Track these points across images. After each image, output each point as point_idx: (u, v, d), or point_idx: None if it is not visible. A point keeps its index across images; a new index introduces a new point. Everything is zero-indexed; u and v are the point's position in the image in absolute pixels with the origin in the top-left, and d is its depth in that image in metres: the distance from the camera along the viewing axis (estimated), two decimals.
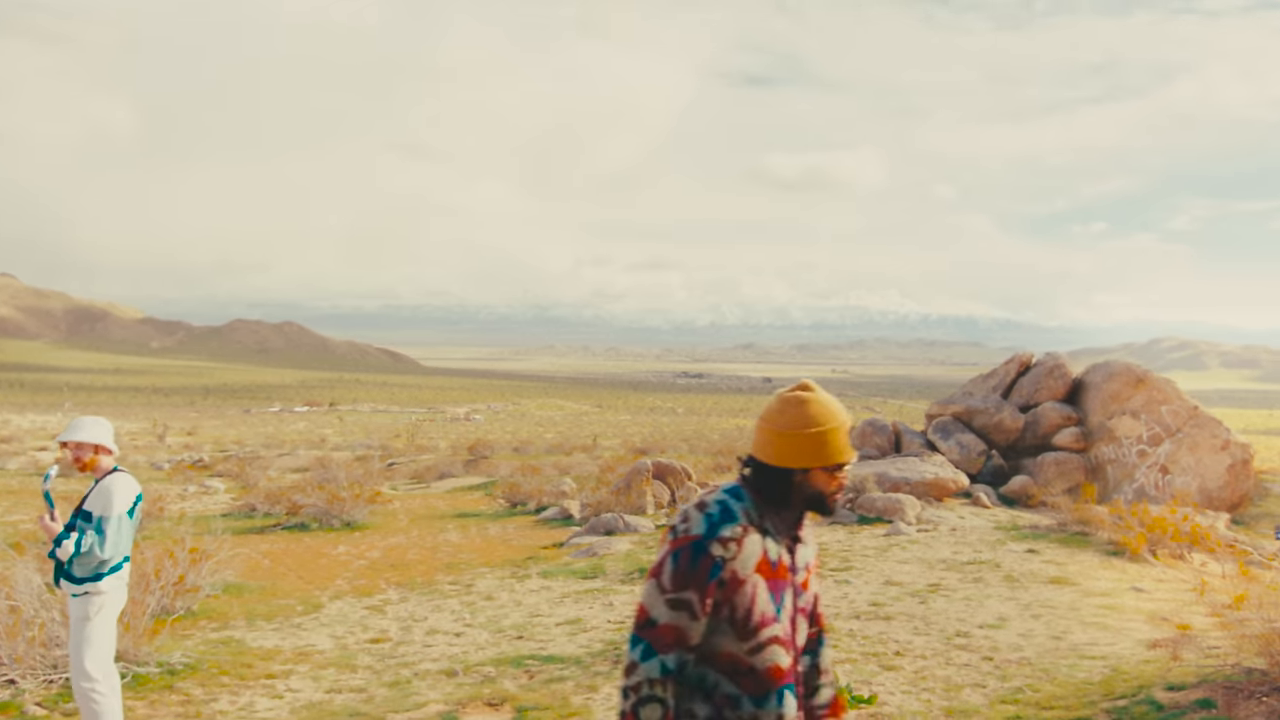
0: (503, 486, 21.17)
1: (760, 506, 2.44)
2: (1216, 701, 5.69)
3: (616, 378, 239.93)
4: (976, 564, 10.88)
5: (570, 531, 15.38)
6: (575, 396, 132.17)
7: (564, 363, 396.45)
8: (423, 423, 68.44)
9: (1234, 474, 17.17)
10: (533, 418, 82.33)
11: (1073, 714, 5.85)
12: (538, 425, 69.21)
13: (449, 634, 8.62)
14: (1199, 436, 17.54)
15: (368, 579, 11.62)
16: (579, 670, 7.16)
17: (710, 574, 2.33)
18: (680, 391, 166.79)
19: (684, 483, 18.27)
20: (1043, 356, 20.22)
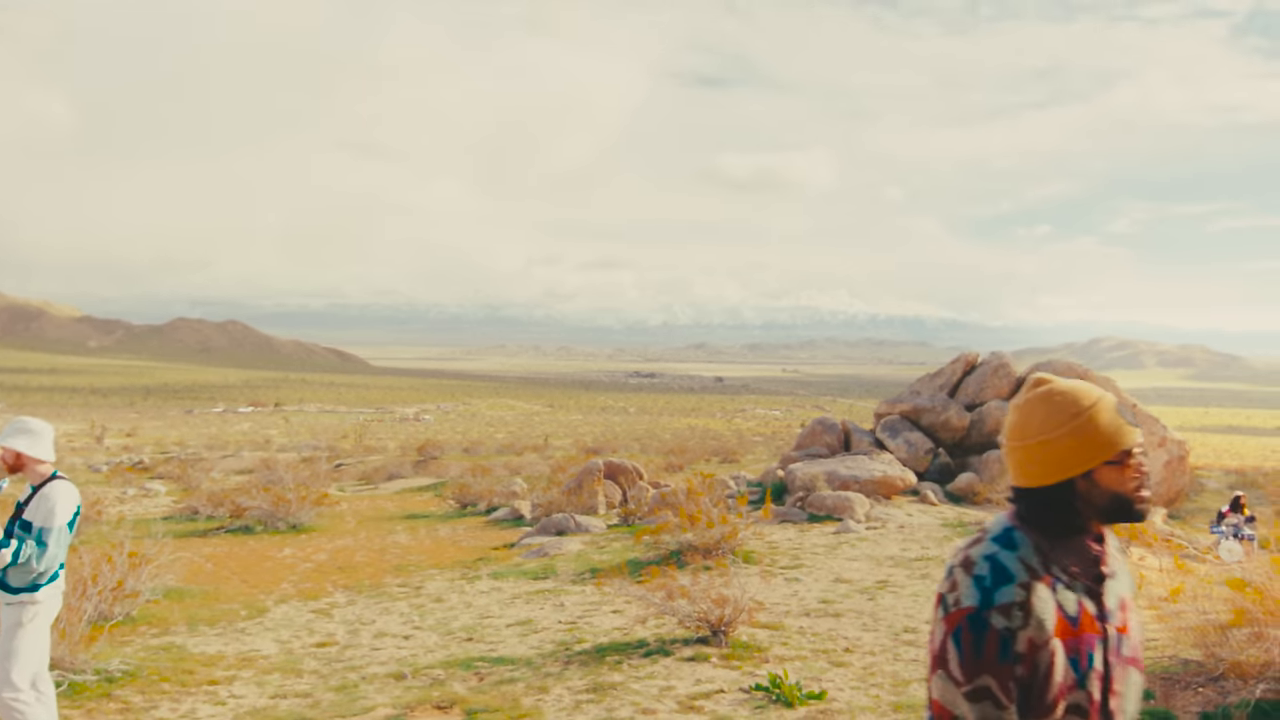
0: (453, 487, 20.97)
1: (1043, 548, 1.93)
2: (1155, 693, 5.82)
3: (568, 377, 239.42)
4: (924, 560, 11.02)
5: (521, 532, 15.29)
6: (526, 396, 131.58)
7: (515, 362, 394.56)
8: (371, 423, 67.61)
9: (1170, 470, 17.63)
10: (483, 418, 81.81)
11: None
12: (488, 425, 68.78)
13: (397, 637, 8.51)
14: None
15: (314, 582, 11.43)
16: (530, 672, 7.11)
17: (1002, 653, 1.84)
18: (632, 391, 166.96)
19: (636, 482, 18.27)
20: (988, 356, 20.58)
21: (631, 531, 13.65)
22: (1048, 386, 2.00)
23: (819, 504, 14.45)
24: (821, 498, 14.54)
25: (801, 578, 10.23)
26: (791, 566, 10.80)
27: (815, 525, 13.62)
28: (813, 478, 15.38)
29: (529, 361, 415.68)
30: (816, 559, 11.21)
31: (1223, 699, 5.52)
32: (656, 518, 12.80)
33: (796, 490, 15.49)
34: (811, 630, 8.08)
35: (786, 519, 14.06)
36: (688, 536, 11.16)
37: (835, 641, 7.71)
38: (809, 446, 19.33)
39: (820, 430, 19.65)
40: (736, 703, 6.20)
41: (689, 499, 12.61)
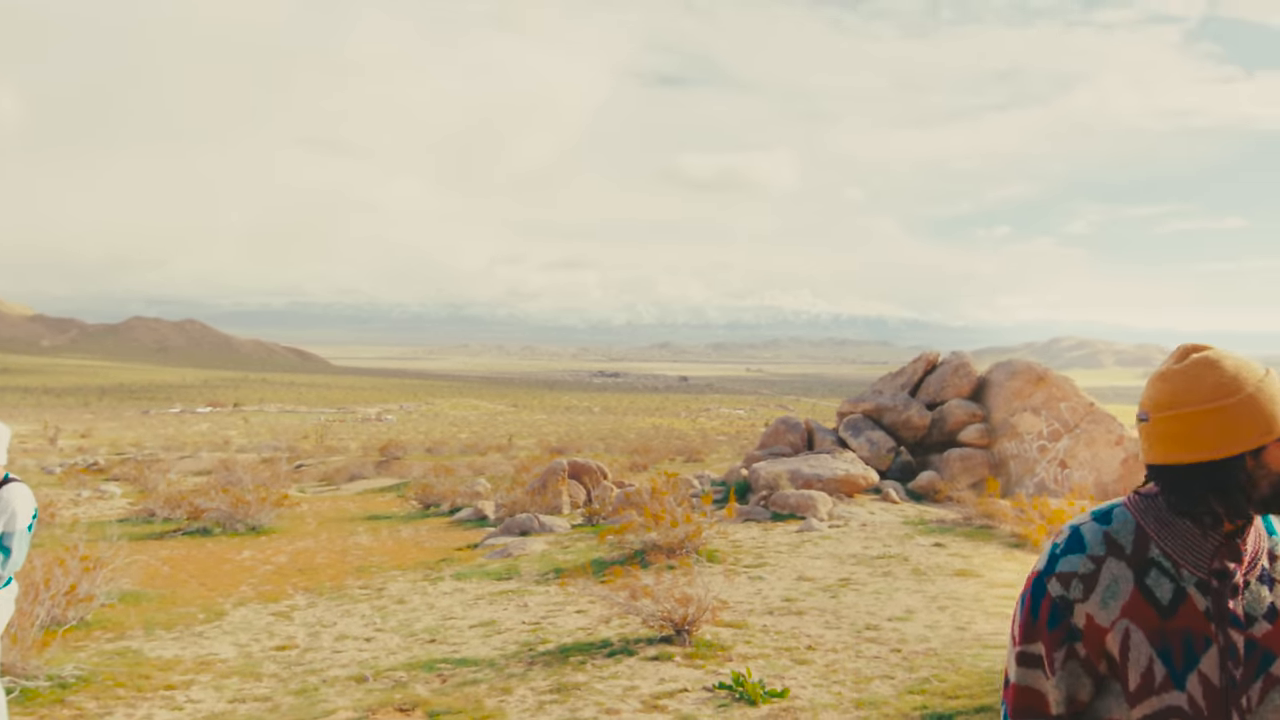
0: (415, 488, 20.82)
1: (1146, 530, 1.75)
2: None
3: (532, 377, 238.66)
4: (886, 558, 11.13)
5: (485, 532, 15.22)
6: (490, 396, 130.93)
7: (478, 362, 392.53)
8: (332, 423, 66.91)
9: (1127, 467, 17.95)
10: (446, 418, 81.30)
11: (976, 702, 6.02)
12: (452, 425, 68.36)
13: (359, 639, 8.43)
14: (1095, 432, 18.29)
15: (274, 584, 11.29)
16: (493, 673, 7.07)
17: (1051, 620, 1.74)
18: (596, 390, 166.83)
19: (600, 482, 18.26)
20: (949, 355, 20.82)
21: (596, 531, 13.64)
22: (1211, 352, 1.75)
23: (782, 502, 14.54)
24: (785, 496, 14.62)
25: (765, 576, 10.28)
26: (755, 565, 10.85)
27: (779, 524, 13.70)
28: (776, 476, 15.47)
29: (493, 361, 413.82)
30: (780, 557, 11.27)
31: None
32: (621, 517, 12.81)
33: (760, 489, 15.57)
34: (775, 628, 8.12)
35: (750, 518, 14.13)
36: (652, 536, 11.18)
37: (798, 639, 7.76)
38: (772, 445, 19.44)
39: (784, 429, 19.77)
40: (700, 701, 6.22)
41: (653, 498, 12.62)
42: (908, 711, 5.94)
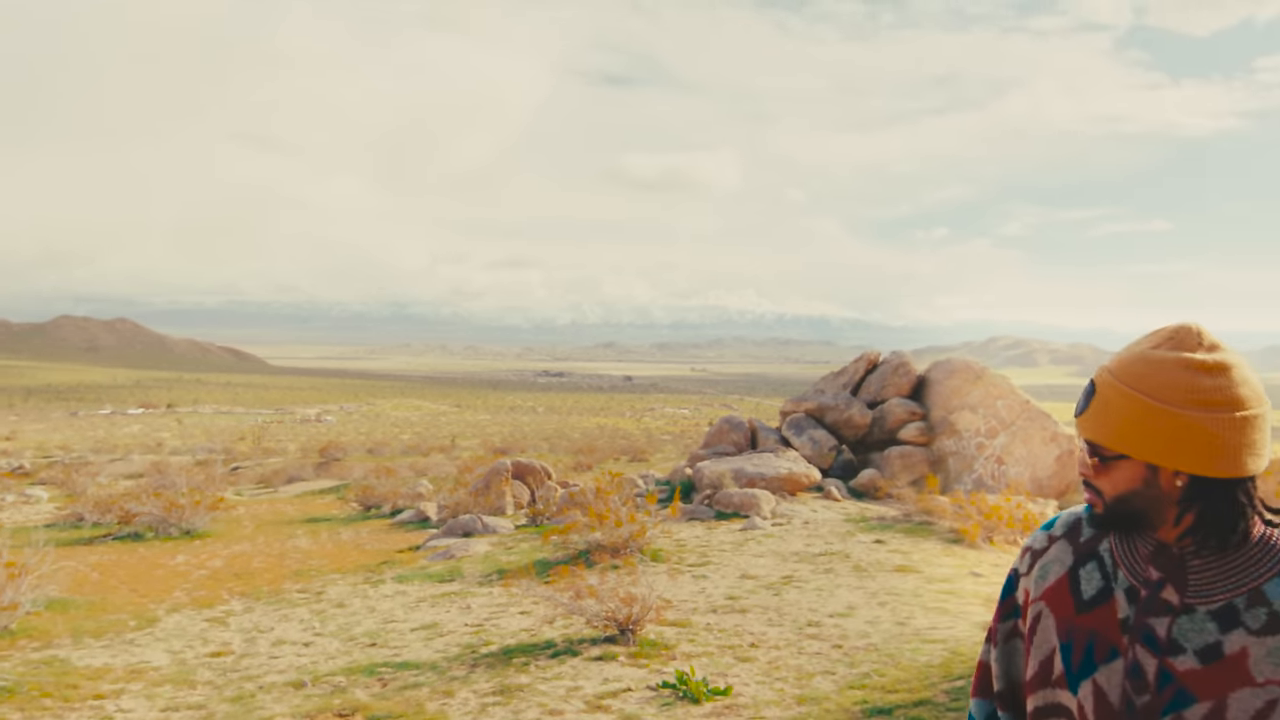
0: (356, 489, 20.53)
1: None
2: None
3: (475, 377, 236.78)
4: (828, 555, 11.25)
5: (427, 534, 15.05)
6: (433, 396, 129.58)
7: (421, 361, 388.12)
8: (270, 424, 65.65)
9: (1061, 463, 18.41)
10: (388, 418, 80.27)
11: (915, 696, 6.11)
12: (393, 426, 67.52)
13: (297, 644, 8.27)
14: (1030, 429, 18.72)
15: (209, 590, 11.03)
16: (435, 676, 6.99)
17: (1003, 592, 1.69)
18: (541, 390, 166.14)
19: (544, 482, 18.18)
20: (889, 355, 21.14)
21: (540, 532, 13.57)
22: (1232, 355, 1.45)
23: (726, 501, 14.62)
24: (729, 495, 14.71)
25: (709, 575, 10.32)
26: (699, 564, 10.89)
27: (723, 522, 13.77)
28: (720, 475, 15.55)
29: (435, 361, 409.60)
30: (723, 556, 11.33)
31: None
32: (565, 517, 12.76)
33: (704, 488, 15.64)
34: (718, 627, 8.16)
35: (694, 517, 14.18)
36: (596, 536, 11.16)
37: (741, 637, 7.81)
38: (716, 445, 19.54)
39: (727, 428, 19.89)
40: (644, 700, 6.22)
41: (597, 498, 12.60)
42: (848, 706, 6.01)
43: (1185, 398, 1.36)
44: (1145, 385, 1.39)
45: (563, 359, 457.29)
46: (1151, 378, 1.39)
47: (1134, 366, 1.43)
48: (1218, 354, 1.40)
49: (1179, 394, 1.36)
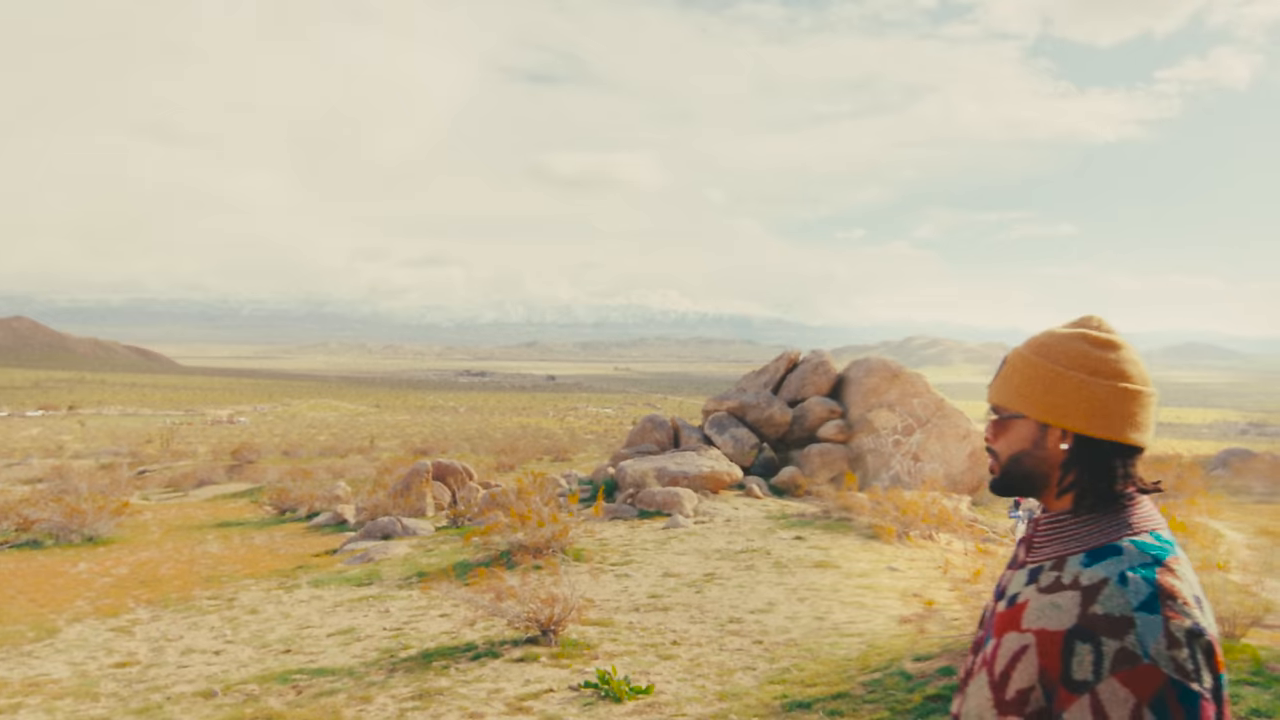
0: (270, 492, 20.01)
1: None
2: (956, 668, 6.22)
3: (395, 376, 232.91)
4: (749, 552, 11.36)
5: (345, 537, 14.75)
6: (351, 396, 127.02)
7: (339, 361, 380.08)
8: (179, 426, 63.55)
9: (974, 460, 18.94)
10: (304, 419, 78.45)
11: (833, 689, 6.21)
12: (310, 427, 66.00)
13: (207, 652, 8.01)
14: (945, 426, 19.22)
15: (113, 598, 10.61)
16: (352, 682, 6.84)
17: None
18: (463, 390, 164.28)
19: (466, 483, 17.97)
20: (809, 354, 21.46)
21: (461, 533, 13.41)
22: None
23: (649, 500, 14.65)
24: (652, 494, 14.75)
25: (631, 573, 10.33)
26: (622, 563, 10.89)
27: (645, 521, 13.80)
28: (643, 474, 15.58)
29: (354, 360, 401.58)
30: (646, 554, 11.35)
31: None
32: (486, 518, 12.63)
33: (627, 487, 15.65)
34: (641, 625, 8.17)
35: (618, 516, 14.18)
36: (518, 536, 11.07)
37: (664, 635, 7.83)
38: (640, 444, 19.59)
39: (650, 427, 19.95)
40: (566, 701, 6.19)
41: (520, 498, 12.51)
42: (768, 701, 6.07)
43: (1076, 362, 1.52)
44: (1044, 352, 1.56)
45: (485, 358, 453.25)
46: (1052, 347, 1.56)
47: (1039, 339, 1.61)
48: (1112, 335, 1.57)
49: (1072, 359, 1.53)
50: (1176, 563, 1.43)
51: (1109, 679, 1.32)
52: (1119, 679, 1.31)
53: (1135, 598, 1.35)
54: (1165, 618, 1.33)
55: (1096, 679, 1.33)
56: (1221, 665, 1.36)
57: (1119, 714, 1.29)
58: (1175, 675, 1.30)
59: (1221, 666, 1.35)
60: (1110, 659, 1.32)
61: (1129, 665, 1.31)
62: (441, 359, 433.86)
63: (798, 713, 5.84)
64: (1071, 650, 1.36)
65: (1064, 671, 1.36)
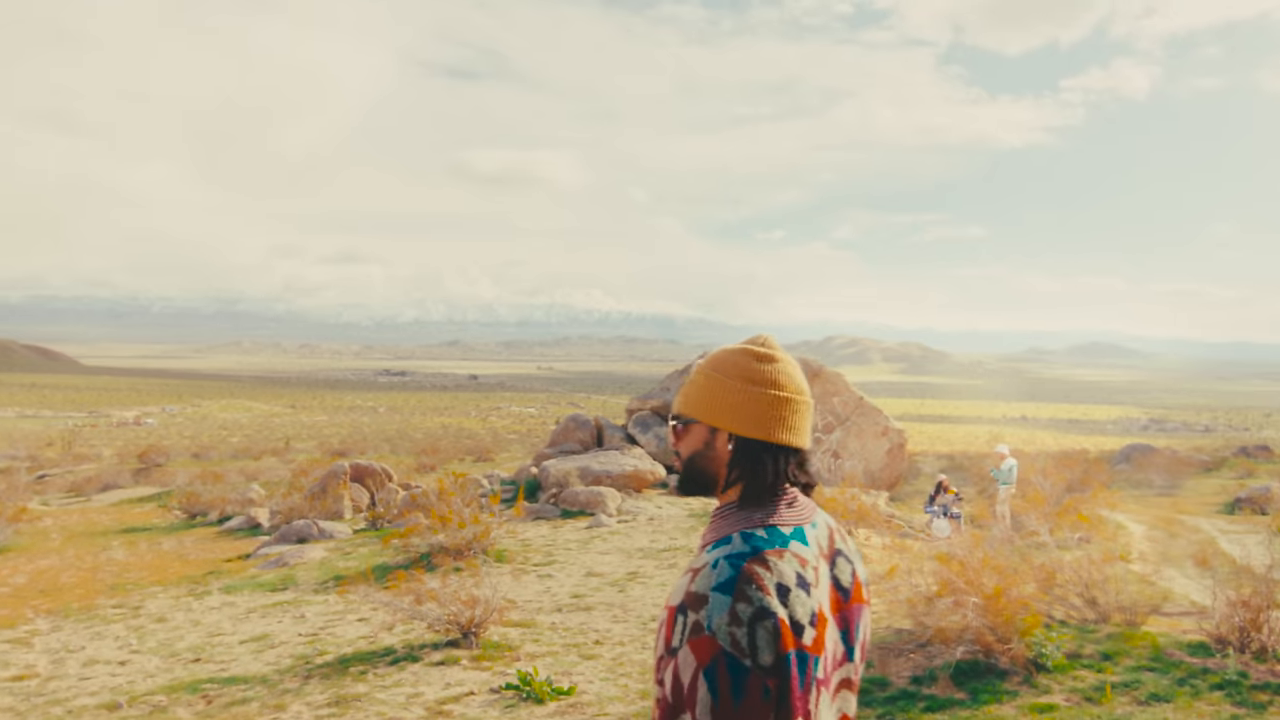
0: (179, 496, 19.38)
1: None
2: (873, 661, 6.34)
3: (312, 376, 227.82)
4: (671, 550, 11.42)
5: (258, 541, 14.36)
6: (265, 397, 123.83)
7: (252, 360, 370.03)
8: (83, 428, 61.10)
9: (892, 457, 19.36)
10: (216, 420, 76.22)
11: None
12: (222, 428, 64.16)
13: (111, 663, 7.70)
14: (864, 424, 19.60)
15: (10, 608, 10.12)
16: (265, 690, 6.65)
17: None
18: (382, 390, 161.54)
19: (385, 484, 17.66)
20: None
21: (380, 536, 13.18)
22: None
23: (572, 500, 14.61)
24: (575, 493, 14.70)
25: (554, 574, 10.28)
26: (544, 563, 10.83)
27: (569, 521, 13.75)
28: (566, 474, 15.52)
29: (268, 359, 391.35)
30: (569, 554, 11.31)
31: (929, 662, 6.10)
32: (406, 520, 12.43)
33: (550, 487, 15.58)
34: (563, 625, 8.13)
35: (540, 516, 14.10)
36: (439, 538, 10.92)
37: (586, 635, 7.81)
38: (563, 443, 19.52)
39: (574, 427, 19.89)
40: (487, 704, 6.12)
41: (440, 500, 12.34)
42: None
43: (737, 373, 1.71)
44: (714, 365, 1.75)
45: (405, 357, 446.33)
46: (721, 360, 1.75)
47: (714, 354, 1.80)
48: (773, 351, 1.77)
49: (734, 370, 1.72)
50: (775, 554, 1.59)
51: (685, 645, 1.51)
52: (690, 645, 1.50)
53: (717, 579, 1.54)
54: (734, 599, 1.50)
55: (680, 645, 1.52)
56: (789, 645, 1.51)
57: (686, 676, 1.49)
58: (729, 648, 1.47)
59: (789, 646, 1.51)
60: (689, 629, 1.51)
61: (697, 635, 1.50)
62: (360, 358, 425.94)
63: None
64: (675, 622, 1.55)
65: (670, 639, 1.54)
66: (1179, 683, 5.51)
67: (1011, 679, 5.76)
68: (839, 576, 1.69)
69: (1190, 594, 9.34)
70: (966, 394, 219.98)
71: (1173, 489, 22.30)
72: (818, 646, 1.55)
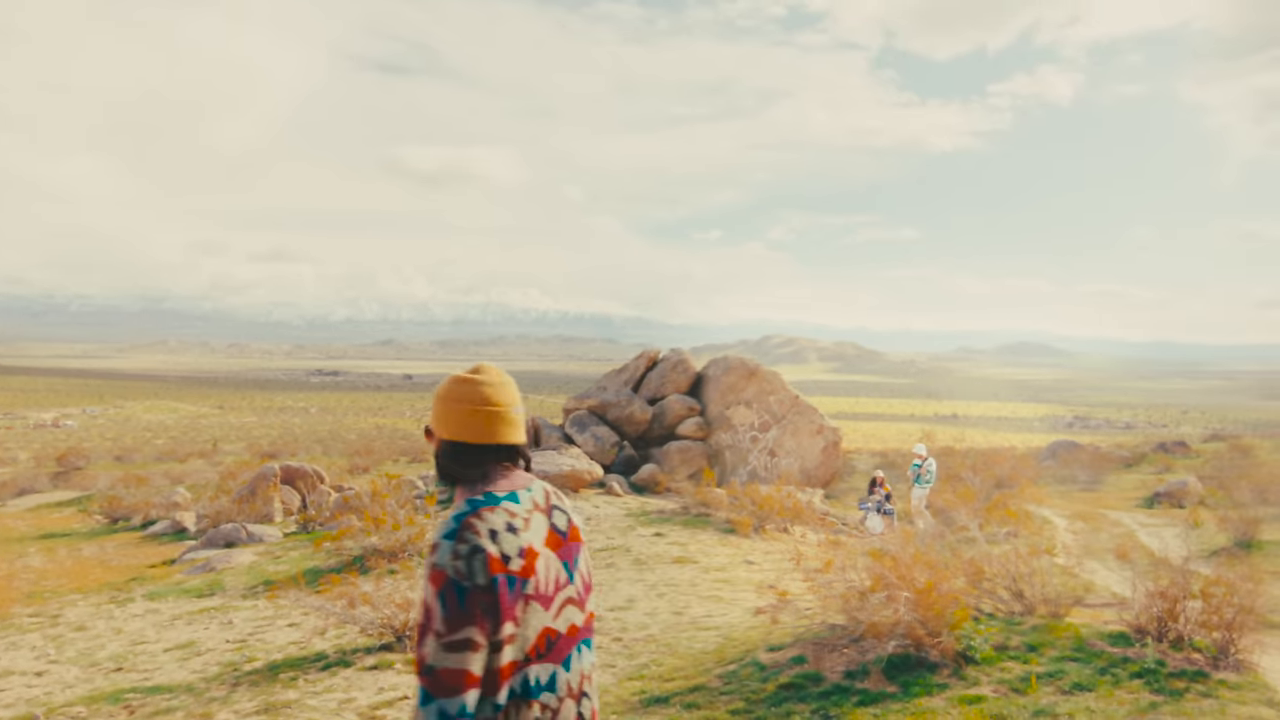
0: (101, 500, 18.78)
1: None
2: (807, 657, 6.41)
3: (240, 376, 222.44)
4: (609, 550, 11.40)
5: (184, 546, 13.98)
6: (192, 397, 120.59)
7: (179, 360, 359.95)
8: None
9: (827, 454, 19.61)
10: (140, 422, 74.00)
11: (691, 682, 6.29)
12: (146, 430, 62.34)
13: (28, 674, 7.41)
14: (800, 422, 19.82)
15: None
16: (191, 698, 6.47)
17: None
18: (314, 390, 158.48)
19: (316, 486, 17.33)
20: (669, 353, 21.73)
21: (311, 539, 12.91)
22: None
23: None
24: None
25: None
26: None
27: None
28: None
29: (196, 359, 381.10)
30: None
31: (863, 657, 6.19)
32: (339, 523, 12.21)
33: None
34: None
35: None
36: (372, 540, 10.75)
37: None
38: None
39: None
40: None
41: (374, 501, 12.15)
42: (627, 698, 6.10)
43: (442, 394, 2.32)
44: (441, 388, 2.34)
45: (337, 357, 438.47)
46: (444, 384, 2.34)
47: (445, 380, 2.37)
48: (473, 375, 2.33)
49: (441, 392, 2.32)
50: (489, 510, 2.18)
51: (426, 579, 2.08)
52: (428, 578, 2.08)
53: (445, 531, 2.12)
54: (456, 542, 2.08)
55: (424, 580, 2.09)
56: (497, 570, 2.08)
57: (427, 599, 2.06)
58: (453, 576, 2.04)
59: (497, 571, 2.08)
60: (429, 568, 2.09)
61: (431, 570, 2.07)
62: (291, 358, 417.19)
63: (656, 708, 5.89)
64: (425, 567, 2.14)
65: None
66: (1100, 672, 5.67)
67: (941, 671, 5.87)
68: (556, 523, 2.29)
69: (1111, 586, 9.65)
70: (900, 392, 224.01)
71: (1096, 484, 23.01)
72: (526, 572, 2.13)
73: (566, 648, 2.22)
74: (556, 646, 2.19)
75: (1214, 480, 20.21)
